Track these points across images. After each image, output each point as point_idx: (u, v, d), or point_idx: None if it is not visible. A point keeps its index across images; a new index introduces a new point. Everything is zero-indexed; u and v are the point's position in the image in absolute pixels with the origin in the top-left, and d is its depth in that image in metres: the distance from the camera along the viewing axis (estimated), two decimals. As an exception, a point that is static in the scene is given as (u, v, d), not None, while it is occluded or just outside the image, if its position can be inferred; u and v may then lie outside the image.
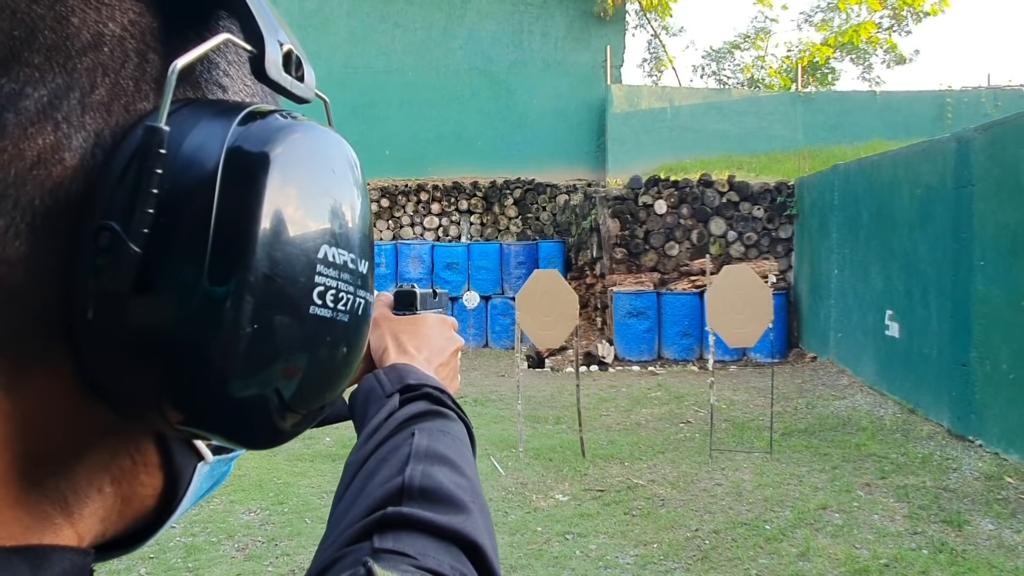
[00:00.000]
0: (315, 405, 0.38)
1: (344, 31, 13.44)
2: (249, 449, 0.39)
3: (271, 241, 0.33)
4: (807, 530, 3.98)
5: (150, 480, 0.38)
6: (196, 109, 0.34)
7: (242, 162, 0.33)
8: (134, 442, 0.37)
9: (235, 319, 0.32)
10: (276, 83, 0.37)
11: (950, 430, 5.49)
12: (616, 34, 13.56)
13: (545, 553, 3.75)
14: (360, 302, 0.39)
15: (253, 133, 0.34)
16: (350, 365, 0.39)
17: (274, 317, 0.34)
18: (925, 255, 6.08)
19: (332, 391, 0.39)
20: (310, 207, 0.35)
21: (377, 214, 11.96)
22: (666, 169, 10.93)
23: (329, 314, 0.36)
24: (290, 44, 0.39)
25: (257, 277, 0.32)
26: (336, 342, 0.37)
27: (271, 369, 0.34)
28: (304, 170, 0.35)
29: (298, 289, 0.34)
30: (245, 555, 3.72)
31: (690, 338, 9.29)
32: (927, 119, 12.57)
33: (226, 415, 0.34)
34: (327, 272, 0.36)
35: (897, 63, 21.61)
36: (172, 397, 0.33)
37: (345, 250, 0.37)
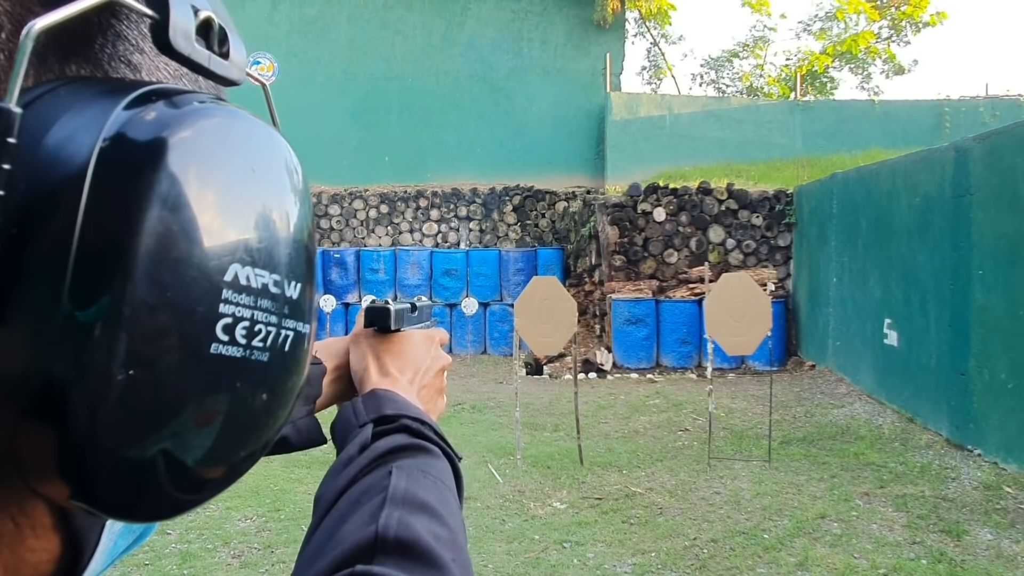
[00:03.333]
0: (228, 462, 0.31)
1: (344, 37, 13.47)
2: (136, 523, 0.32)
3: (155, 258, 0.26)
4: (805, 539, 3.96)
5: (41, 544, 0.31)
6: (76, 89, 0.27)
7: (123, 155, 0.26)
8: (15, 503, 0.29)
9: (105, 363, 0.25)
10: (185, 56, 0.29)
11: (949, 439, 5.48)
12: (615, 42, 13.60)
13: (543, 562, 3.73)
14: (286, 335, 0.31)
15: (144, 119, 0.27)
16: (274, 415, 0.32)
17: (159, 360, 0.26)
18: (924, 264, 6.08)
19: (248, 447, 0.32)
20: (216, 215, 0.28)
21: (376, 220, 11.96)
22: (665, 177, 10.94)
23: (239, 353, 0.29)
24: (211, 11, 0.31)
25: (134, 307, 0.25)
26: (251, 388, 0.30)
27: (155, 425, 0.27)
28: (211, 167, 0.28)
29: (194, 322, 0.27)
30: (241, 562, 3.70)
31: (688, 346, 9.29)
32: (925, 128, 12.60)
33: (102, 487, 0.27)
34: (237, 299, 0.28)
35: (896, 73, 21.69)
36: (34, 461, 0.26)
37: (265, 270, 0.30)
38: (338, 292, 10.88)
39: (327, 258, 11.09)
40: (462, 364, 10.21)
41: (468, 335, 10.89)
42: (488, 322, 10.89)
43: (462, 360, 10.50)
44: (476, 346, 10.93)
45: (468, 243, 11.87)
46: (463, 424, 6.59)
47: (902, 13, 19.53)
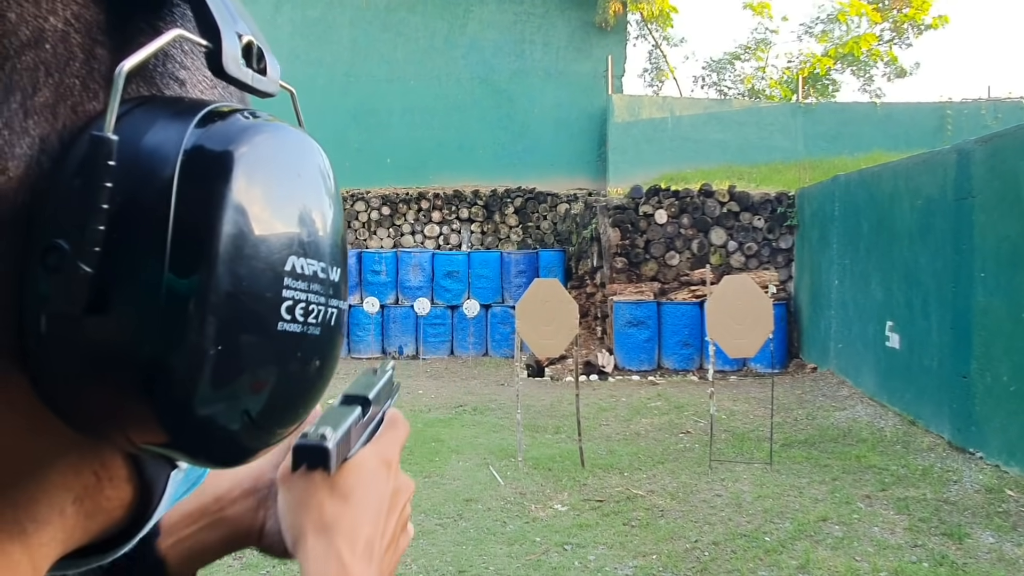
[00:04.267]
0: (288, 422, 0.37)
1: (346, 40, 13.49)
2: (218, 468, 0.37)
3: (233, 256, 0.31)
4: (807, 542, 3.96)
5: (117, 494, 0.37)
6: (149, 111, 0.32)
7: (199, 170, 0.31)
8: (98, 457, 0.35)
9: (198, 341, 0.30)
10: (235, 79, 0.35)
11: (951, 442, 5.47)
12: (617, 44, 13.61)
13: (543, 564, 3.73)
14: (332, 312, 0.37)
15: (211, 137, 0.32)
16: (324, 378, 0.38)
17: (240, 336, 0.32)
18: (925, 266, 6.07)
19: (305, 407, 0.38)
20: (275, 216, 0.33)
21: (378, 222, 11.96)
22: (667, 179, 10.94)
23: (299, 329, 0.34)
24: (250, 34, 0.36)
25: (219, 295, 0.31)
26: (307, 357, 0.36)
27: (238, 390, 0.33)
28: (268, 176, 0.33)
29: (265, 305, 0.33)
30: (242, 564, 3.70)
31: (690, 348, 9.28)
32: (927, 131, 12.59)
33: (192, 437, 0.32)
34: (295, 285, 0.34)
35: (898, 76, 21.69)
36: (134, 418, 0.31)
37: (315, 259, 0.35)
38: (340, 294, 10.87)
39: (329, 260, 11.08)
40: (463, 366, 10.21)
41: (469, 337, 10.89)
42: (490, 324, 10.89)
43: (463, 362, 10.50)
44: (477, 348, 10.93)
45: (470, 245, 11.88)
46: (464, 426, 6.60)
47: (904, 15, 19.53)
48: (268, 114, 0.37)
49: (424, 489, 4.83)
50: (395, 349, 10.96)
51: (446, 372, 9.74)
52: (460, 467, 5.31)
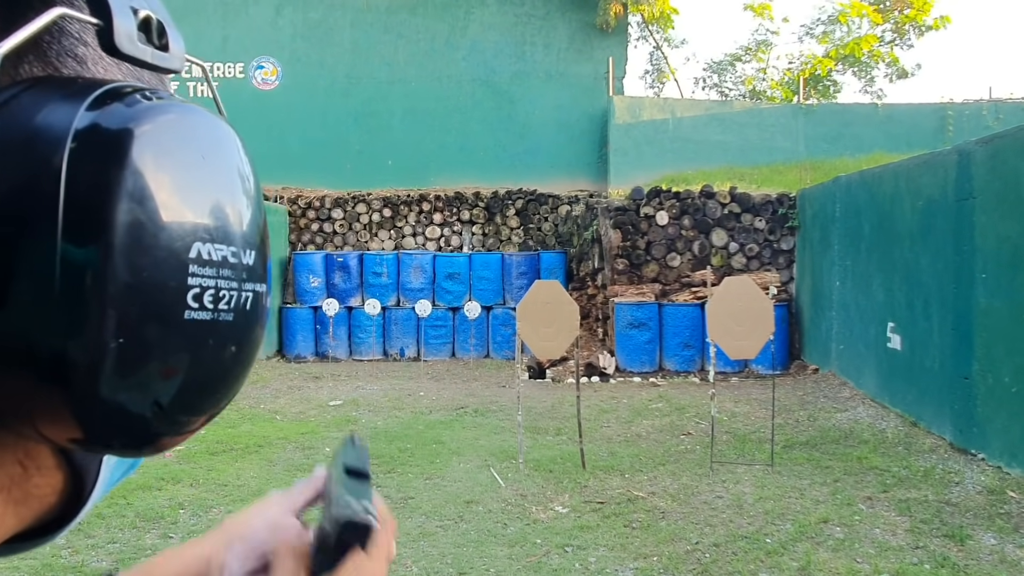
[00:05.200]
0: (206, 409, 0.37)
1: (347, 42, 13.50)
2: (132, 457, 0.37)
3: (130, 245, 0.30)
4: (808, 544, 3.95)
5: (46, 481, 0.36)
6: (38, 93, 0.30)
7: (90, 156, 0.29)
8: (22, 449, 0.35)
9: (98, 334, 0.30)
10: (130, 56, 0.33)
11: (952, 443, 5.46)
12: (618, 46, 13.62)
13: (544, 566, 3.73)
14: (247, 296, 0.36)
15: (105, 120, 0.30)
16: (242, 363, 0.37)
17: (143, 327, 0.31)
18: (927, 267, 6.07)
19: (224, 392, 0.37)
20: (177, 202, 0.32)
21: (379, 224, 11.97)
22: (668, 180, 10.94)
23: (208, 316, 0.33)
24: (149, 8, 0.34)
25: (118, 286, 0.30)
26: (221, 343, 0.35)
27: (145, 381, 0.32)
28: (168, 159, 0.32)
29: (168, 294, 0.32)
30: (242, 566, 3.70)
31: (691, 349, 9.27)
32: (928, 131, 12.58)
33: (101, 429, 0.32)
34: (202, 272, 0.33)
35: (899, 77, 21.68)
36: (40, 412, 0.31)
37: (223, 244, 0.34)
38: (341, 296, 10.89)
39: (330, 261, 11.10)
40: (465, 368, 10.21)
41: (471, 339, 10.89)
42: (491, 326, 10.89)
43: (465, 364, 10.50)
44: (479, 350, 10.93)
45: (471, 247, 11.88)
46: (465, 428, 6.59)
47: (905, 16, 19.52)
48: (175, 95, 0.35)
49: (425, 491, 4.82)
50: (396, 351, 10.96)
51: (447, 374, 9.74)
52: (461, 469, 5.31)
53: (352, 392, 8.30)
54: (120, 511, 4.36)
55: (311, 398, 7.92)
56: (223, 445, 5.87)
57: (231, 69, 13.32)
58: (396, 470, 5.25)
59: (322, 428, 6.54)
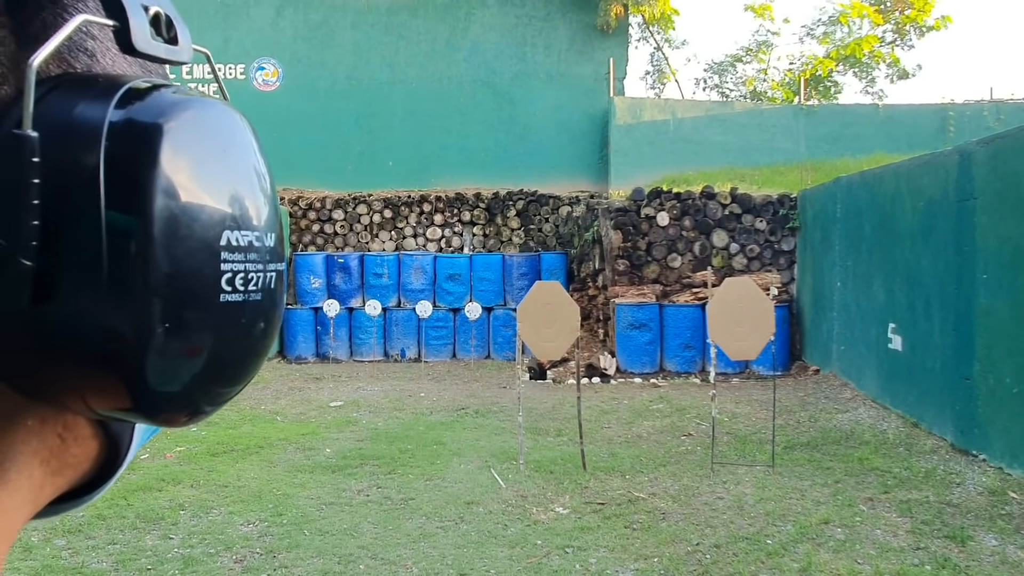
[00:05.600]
0: (240, 380, 0.39)
1: (348, 43, 13.51)
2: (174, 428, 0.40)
3: (169, 239, 0.32)
4: (809, 545, 3.95)
5: (82, 451, 0.39)
6: (64, 95, 0.32)
7: (125, 156, 0.31)
8: (61, 422, 0.37)
9: (144, 322, 0.32)
10: (148, 55, 0.35)
11: (953, 444, 5.45)
12: (619, 47, 13.62)
13: (544, 567, 3.72)
14: (271, 276, 0.38)
15: (133, 120, 0.32)
16: (269, 336, 0.40)
17: (184, 312, 0.33)
18: (927, 268, 6.06)
19: (255, 364, 0.40)
20: (206, 194, 0.34)
21: (380, 225, 11.97)
22: (668, 181, 10.94)
23: (241, 298, 0.36)
24: (157, 5, 0.36)
25: (159, 277, 0.32)
26: (252, 321, 0.37)
27: (188, 359, 0.35)
28: (194, 155, 0.34)
29: (204, 281, 0.34)
30: (243, 567, 3.70)
31: (692, 350, 9.27)
32: (929, 132, 12.57)
33: (147, 403, 0.34)
34: (232, 257, 0.35)
35: (900, 77, 21.66)
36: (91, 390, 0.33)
37: (248, 231, 0.36)
38: (342, 297, 10.89)
39: (331, 262, 11.10)
40: (465, 369, 10.20)
41: (472, 340, 10.89)
42: (492, 327, 10.88)
43: (465, 365, 10.50)
44: (480, 351, 10.92)
45: (472, 248, 11.88)
46: (466, 429, 6.59)
47: (906, 17, 19.51)
48: (185, 87, 0.37)
49: (425, 492, 4.82)
50: (397, 352, 10.96)
51: (448, 375, 9.74)
52: (461, 470, 5.31)
53: (353, 393, 8.30)
54: (120, 512, 4.36)
55: (312, 399, 7.92)
56: (224, 446, 5.87)
57: (232, 70, 13.33)
58: (397, 471, 5.25)
59: (323, 429, 6.54)
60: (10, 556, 3.65)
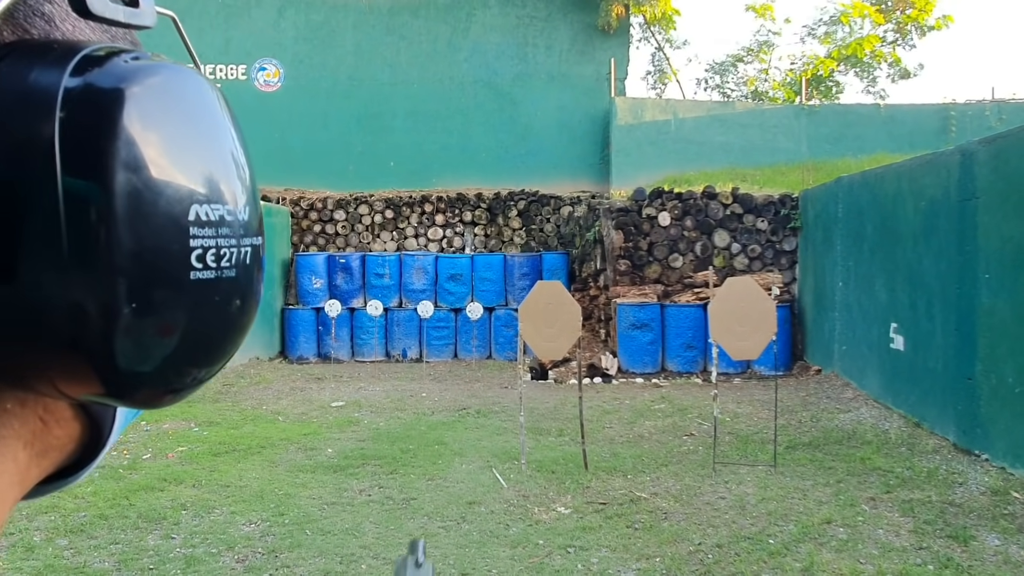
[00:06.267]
0: (216, 360, 0.38)
1: (350, 44, 13.52)
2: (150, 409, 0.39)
3: (131, 213, 0.31)
4: (811, 545, 3.94)
5: (65, 432, 0.38)
6: (15, 64, 0.30)
7: (82, 130, 0.30)
8: (41, 405, 0.36)
9: (109, 302, 0.31)
10: (104, 18, 0.33)
11: (956, 444, 5.45)
12: (620, 47, 13.62)
13: (546, 567, 3.72)
14: (245, 251, 0.37)
15: (90, 88, 0.30)
16: (247, 313, 0.38)
17: (152, 291, 0.32)
18: (929, 268, 6.05)
19: (232, 342, 0.38)
20: (171, 166, 0.32)
21: (381, 225, 11.98)
22: (670, 181, 10.94)
23: (213, 275, 0.34)
24: None
25: (123, 255, 0.31)
26: (227, 299, 0.36)
27: (159, 339, 0.33)
28: (158, 125, 0.32)
29: (173, 258, 0.33)
30: (245, 567, 3.70)
31: (694, 350, 9.27)
32: (931, 132, 12.56)
33: (119, 387, 0.33)
34: (202, 233, 0.34)
35: (901, 77, 21.64)
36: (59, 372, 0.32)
37: (219, 204, 0.35)
38: (343, 297, 10.90)
39: (332, 262, 11.11)
40: (467, 369, 10.20)
41: (473, 340, 10.90)
42: (493, 327, 10.89)
43: (467, 365, 10.50)
44: (481, 351, 10.93)
45: (473, 248, 11.88)
46: (468, 429, 6.59)
47: (907, 17, 19.50)
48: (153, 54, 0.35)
49: (427, 492, 4.82)
50: (399, 352, 10.96)
51: (450, 375, 9.74)
52: (463, 470, 5.31)
53: (354, 393, 8.30)
54: (123, 512, 4.36)
55: (313, 399, 7.93)
56: (225, 446, 5.88)
57: (233, 71, 13.34)
58: (398, 471, 5.25)
59: (324, 429, 6.55)
60: (12, 556, 3.65)
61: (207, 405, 7.47)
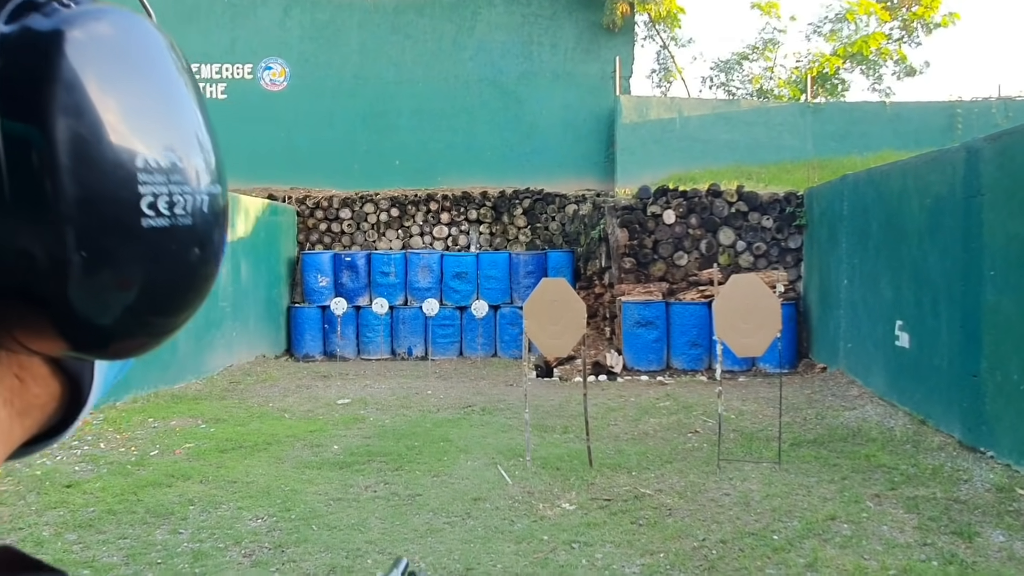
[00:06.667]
0: (180, 309, 0.37)
1: (355, 42, 13.55)
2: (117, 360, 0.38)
3: (73, 162, 0.30)
4: (815, 541, 3.95)
5: (44, 390, 0.38)
6: None
7: (19, 75, 0.29)
8: (15, 363, 0.36)
9: (58, 252, 0.30)
10: None
11: (961, 441, 5.44)
12: (625, 45, 13.61)
13: (551, 562, 3.74)
14: (203, 199, 0.36)
15: (28, 32, 0.30)
16: (209, 262, 0.38)
17: (103, 239, 0.32)
18: (935, 265, 6.05)
19: (196, 292, 0.38)
20: (115, 113, 0.32)
21: (387, 223, 12.01)
22: (675, 179, 10.93)
23: (167, 223, 0.34)
24: None
25: (68, 204, 0.30)
26: (184, 247, 0.35)
27: (117, 291, 0.33)
28: (101, 69, 0.31)
29: (122, 205, 0.32)
30: (251, 561, 3.73)
31: (699, 348, 9.27)
32: (937, 130, 12.52)
33: (81, 338, 0.33)
34: (152, 179, 0.33)
35: (907, 75, 21.56)
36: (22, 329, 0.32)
37: (169, 150, 0.34)
38: (349, 295, 10.93)
39: (338, 261, 11.14)
40: (472, 367, 10.23)
41: (478, 338, 10.92)
42: (498, 325, 10.91)
43: (472, 363, 10.52)
44: (486, 349, 10.95)
45: (478, 246, 11.91)
46: (473, 426, 6.61)
47: (913, 14, 19.42)
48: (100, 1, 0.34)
49: (432, 488, 4.85)
50: (404, 350, 10.99)
51: (455, 373, 9.77)
52: (468, 467, 5.33)
53: (360, 391, 8.33)
54: (131, 507, 4.40)
55: (319, 397, 7.96)
56: (232, 443, 5.91)
57: (240, 70, 13.39)
58: (404, 467, 5.28)
59: (330, 426, 6.58)
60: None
61: (214, 402, 7.51)
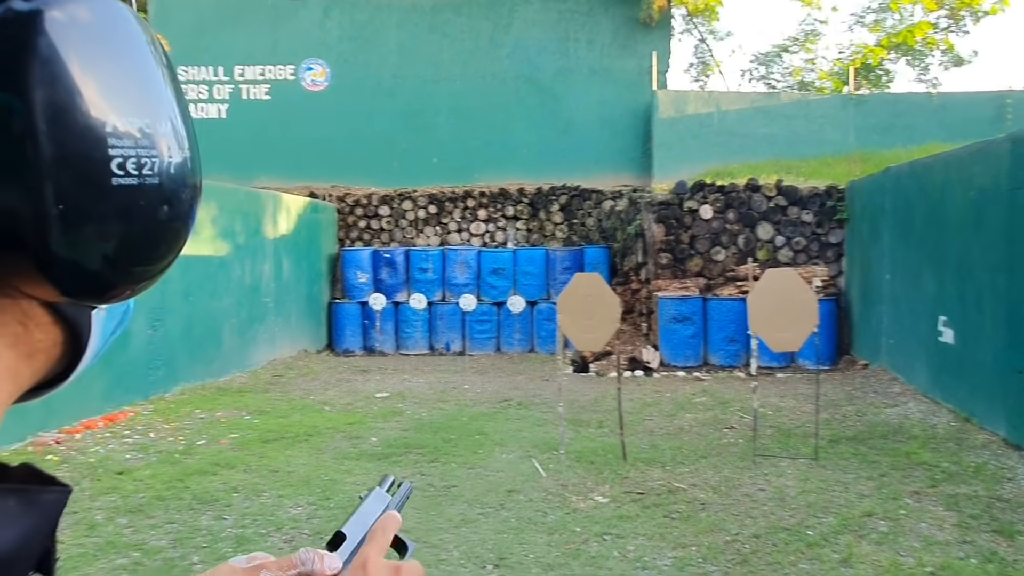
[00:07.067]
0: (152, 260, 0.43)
1: (393, 42, 13.71)
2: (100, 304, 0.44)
3: (51, 125, 0.35)
4: (850, 537, 3.92)
5: (46, 336, 0.42)
6: None
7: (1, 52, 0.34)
8: (19, 310, 0.40)
9: (41, 205, 0.35)
10: None
11: (1006, 439, 5.32)
12: (662, 40, 13.52)
13: (583, 553, 3.79)
14: (169, 162, 0.41)
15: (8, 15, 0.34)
16: (178, 218, 0.42)
17: (78, 194, 0.36)
18: (979, 259, 5.92)
19: (167, 245, 0.43)
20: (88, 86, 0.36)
21: (425, 220, 12.15)
22: (712, 174, 10.84)
23: (136, 182, 0.39)
24: None
25: (46, 162, 0.35)
26: (153, 204, 0.40)
27: (92, 238, 0.38)
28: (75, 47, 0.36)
29: (93, 165, 0.37)
30: (291, 547, 3.85)
31: (736, 344, 9.19)
32: (985, 120, 12.16)
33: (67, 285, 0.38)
34: (121, 143, 0.37)
35: (955, 65, 20.97)
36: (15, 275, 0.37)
37: (136, 116, 0.38)
38: (388, 291, 11.10)
39: (377, 257, 11.31)
40: (509, 362, 10.30)
41: (515, 333, 10.98)
42: (535, 320, 10.96)
43: (509, 358, 10.59)
44: (523, 344, 11.01)
45: (515, 242, 11.97)
46: (509, 420, 6.68)
47: (961, 2, 18.88)
48: None
49: (467, 480, 4.93)
50: (442, 345, 11.12)
51: (492, 368, 9.85)
52: (503, 459, 5.40)
53: (398, 385, 8.47)
54: (178, 494, 4.57)
55: (359, 390, 8.12)
56: (275, 434, 6.08)
57: (282, 71, 13.66)
58: (440, 459, 5.37)
59: (369, 419, 6.71)
60: (76, 533, 3.87)
61: (258, 395, 7.72)
